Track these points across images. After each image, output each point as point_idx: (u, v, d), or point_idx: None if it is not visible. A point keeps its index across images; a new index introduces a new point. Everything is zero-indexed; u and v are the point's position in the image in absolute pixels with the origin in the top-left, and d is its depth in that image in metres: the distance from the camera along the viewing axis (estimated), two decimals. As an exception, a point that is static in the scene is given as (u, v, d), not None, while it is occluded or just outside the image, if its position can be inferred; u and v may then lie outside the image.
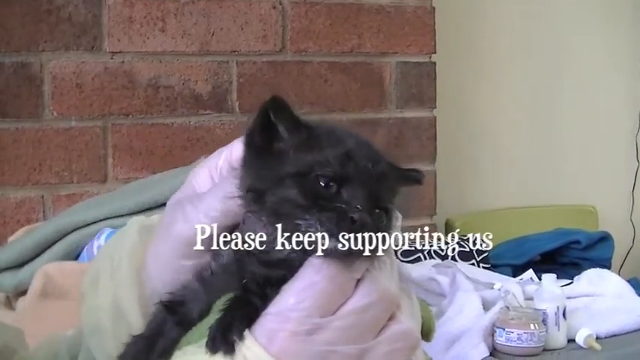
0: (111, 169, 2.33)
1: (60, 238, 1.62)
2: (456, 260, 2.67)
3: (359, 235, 0.72)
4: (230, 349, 0.72)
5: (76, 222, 1.62)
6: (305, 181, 0.75)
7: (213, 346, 0.72)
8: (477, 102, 3.20)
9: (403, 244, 0.94)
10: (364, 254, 0.74)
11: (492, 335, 1.92)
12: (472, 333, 1.90)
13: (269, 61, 2.53)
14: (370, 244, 0.74)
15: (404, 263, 2.37)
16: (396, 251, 0.84)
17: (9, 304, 1.68)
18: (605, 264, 2.76)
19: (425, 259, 2.63)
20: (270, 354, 0.72)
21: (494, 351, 1.91)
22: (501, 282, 2.17)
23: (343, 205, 0.74)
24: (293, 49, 2.57)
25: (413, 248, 2.64)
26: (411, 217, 2.75)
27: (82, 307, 0.88)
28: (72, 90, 2.27)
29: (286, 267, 0.76)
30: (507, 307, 1.93)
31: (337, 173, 0.76)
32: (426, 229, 2.74)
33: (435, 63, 2.80)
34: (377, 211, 0.76)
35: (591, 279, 2.36)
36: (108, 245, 0.93)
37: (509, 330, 1.88)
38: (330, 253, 0.73)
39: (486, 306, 2.01)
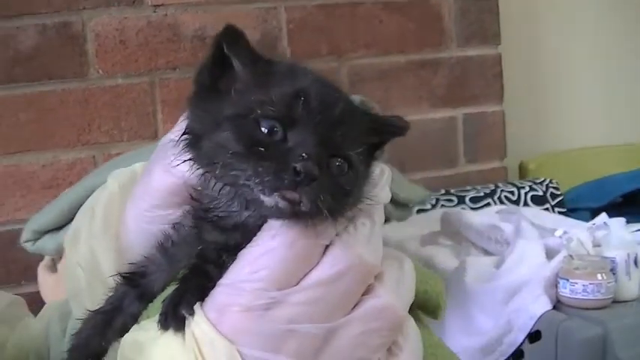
0: (161, 125, 2.34)
1: (90, 197, 1.63)
2: (528, 205, 2.59)
3: (308, 190, 0.65)
4: (180, 325, 0.67)
5: (103, 180, 1.62)
6: (243, 123, 0.68)
7: (164, 323, 0.68)
8: (547, 35, 3.06)
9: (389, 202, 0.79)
10: (325, 215, 0.66)
11: (556, 287, 1.83)
12: (533, 284, 1.83)
13: (319, 5, 2.49)
14: (324, 202, 0.65)
15: (463, 210, 2.30)
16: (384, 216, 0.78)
17: (54, 266, 1.71)
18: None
19: (495, 204, 2.56)
20: (220, 331, 0.66)
21: (558, 304, 1.81)
22: (571, 227, 2.08)
23: (287, 154, 0.66)
24: (344, -10, 2.51)
25: (482, 194, 2.57)
26: (479, 160, 2.67)
27: (64, 266, 0.87)
28: (116, 47, 2.27)
29: (243, 232, 0.70)
30: (571, 256, 1.83)
31: (282, 114, 0.68)
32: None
33: (496, -5, 2.70)
34: (337, 161, 0.69)
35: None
36: (89, 199, 0.90)
37: (573, 281, 1.78)
38: (276, 213, 0.66)
39: (551, 255, 1.91)
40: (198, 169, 0.71)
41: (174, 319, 0.67)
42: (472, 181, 2.67)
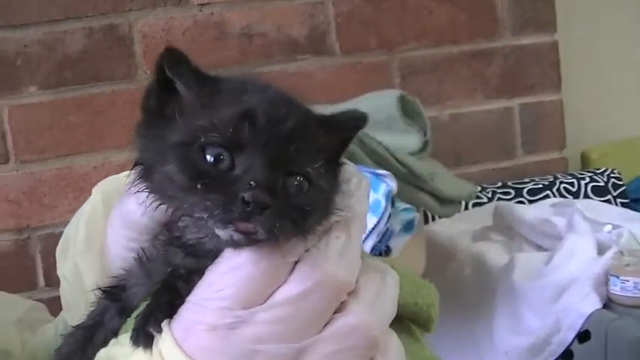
0: (209, 125, 2.34)
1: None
2: (589, 197, 2.52)
3: (261, 219, 0.62)
4: (148, 342, 0.66)
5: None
6: (188, 152, 0.65)
7: (135, 339, 0.67)
8: (607, 20, 2.94)
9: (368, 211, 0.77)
10: (291, 234, 0.65)
11: (606, 284, 1.77)
12: (582, 282, 1.77)
13: (367, -3, 2.45)
14: (282, 228, 0.63)
15: (516, 204, 2.25)
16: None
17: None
18: None
19: (554, 196, 2.50)
20: (185, 351, 0.65)
21: (608, 302, 1.75)
22: (629, 221, 2.01)
23: (235, 182, 0.62)
24: (392, -18, 2.48)
25: (540, 185, 2.51)
26: (538, 151, 2.61)
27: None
28: (163, 47, 2.26)
29: (215, 258, 0.68)
30: (621, 252, 1.77)
31: (227, 140, 0.64)
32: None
33: (551, -19, 2.64)
34: (295, 180, 0.66)
35: None
36: (81, 208, 0.89)
37: (623, 278, 1.71)
38: (233, 245, 0.65)
39: (604, 251, 1.85)
40: (153, 200, 0.69)
41: (142, 336, 0.66)
42: (530, 173, 2.61)
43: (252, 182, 0.62)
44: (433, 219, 2.34)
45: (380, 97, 1.91)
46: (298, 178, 0.66)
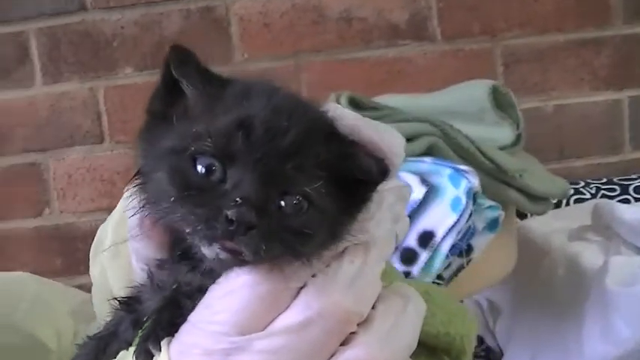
0: (306, 108, 2.34)
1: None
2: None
3: (245, 240, 0.58)
4: (146, 358, 0.65)
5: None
6: (179, 161, 0.61)
7: (137, 355, 0.66)
8: None
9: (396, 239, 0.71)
10: (285, 258, 0.61)
11: None
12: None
13: (471, -18, 2.39)
14: (270, 251, 0.59)
15: (617, 202, 2.15)
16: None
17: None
18: None
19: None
20: None
21: None
22: None
23: (222, 197, 0.58)
24: (498, -33, 2.40)
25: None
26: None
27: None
28: (260, 30, 2.30)
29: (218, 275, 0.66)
30: None
31: (219, 150, 0.60)
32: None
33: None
34: (294, 199, 0.60)
35: None
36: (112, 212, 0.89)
37: None
38: (219, 265, 0.61)
39: None
40: (149, 213, 0.66)
41: (142, 354, 0.66)
42: (638, 170, 2.49)
43: (238, 199, 0.58)
44: (525, 216, 2.27)
45: (472, 88, 1.85)
46: (297, 197, 0.61)
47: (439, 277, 1.47)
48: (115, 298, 0.74)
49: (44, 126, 2.31)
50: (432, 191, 1.49)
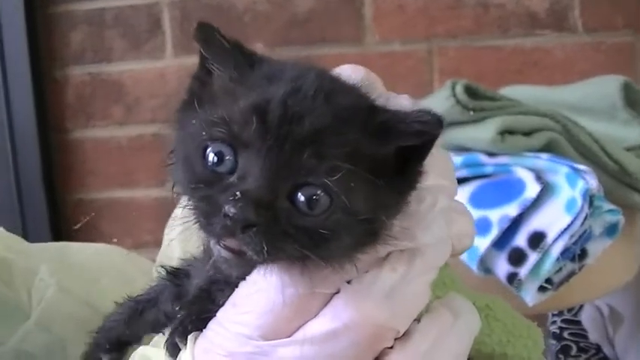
0: (436, 95, 2.30)
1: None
2: None
3: (245, 238, 0.52)
4: (175, 351, 0.64)
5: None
6: (193, 149, 0.57)
7: (167, 347, 0.65)
8: None
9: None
10: (320, 260, 0.55)
11: None
12: None
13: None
14: (274, 252, 0.53)
15: None
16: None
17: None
18: None
19: None
20: None
21: None
22: None
23: (227, 190, 0.54)
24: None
25: None
26: None
27: None
28: (394, 12, 2.27)
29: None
30: None
31: (231, 137, 0.55)
32: None
33: None
34: (314, 194, 0.54)
35: None
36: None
37: None
38: (224, 264, 0.57)
39: None
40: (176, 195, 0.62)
41: (170, 347, 0.64)
42: None
43: (237, 193, 0.53)
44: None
45: (603, 83, 1.78)
46: (317, 192, 0.55)
47: (548, 281, 1.42)
48: (163, 267, 0.73)
49: (173, 97, 2.34)
50: (546, 190, 1.44)
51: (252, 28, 2.25)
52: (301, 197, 0.54)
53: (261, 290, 0.59)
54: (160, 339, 0.70)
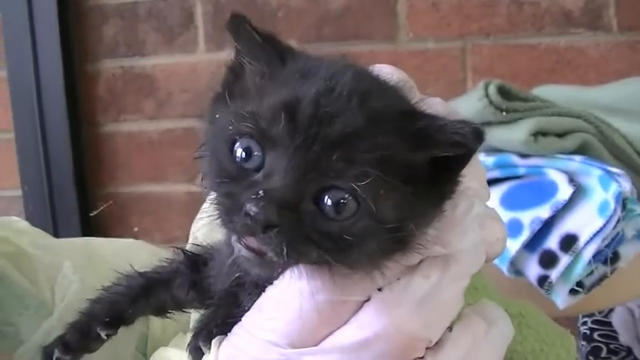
0: (469, 94, 2.30)
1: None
2: None
3: (266, 238, 0.51)
4: (198, 355, 0.63)
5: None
6: (221, 144, 0.57)
7: (190, 350, 0.64)
8: None
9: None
10: (345, 266, 0.54)
11: None
12: None
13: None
14: (295, 255, 0.52)
15: None
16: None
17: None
18: None
19: None
20: None
21: None
22: None
23: (251, 187, 0.53)
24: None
25: None
26: None
27: None
28: (428, 10, 2.27)
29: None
30: None
31: (260, 133, 0.54)
32: None
33: None
34: (342, 198, 0.52)
35: None
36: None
37: None
38: (246, 264, 0.56)
39: None
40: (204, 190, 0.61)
41: (194, 350, 0.63)
42: None
43: (260, 192, 0.52)
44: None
45: (637, 84, 1.77)
46: (345, 196, 0.53)
47: (579, 284, 1.42)
48: (181, 249, 0.71)
49: (205, 92, 2.36)
50: (579, 192, 1.44)
51: (284, 24, 2.26)
52: (328, 201, 0.54)
53: (290, 296, 0.58)
54: (181, 340, 0.70)
